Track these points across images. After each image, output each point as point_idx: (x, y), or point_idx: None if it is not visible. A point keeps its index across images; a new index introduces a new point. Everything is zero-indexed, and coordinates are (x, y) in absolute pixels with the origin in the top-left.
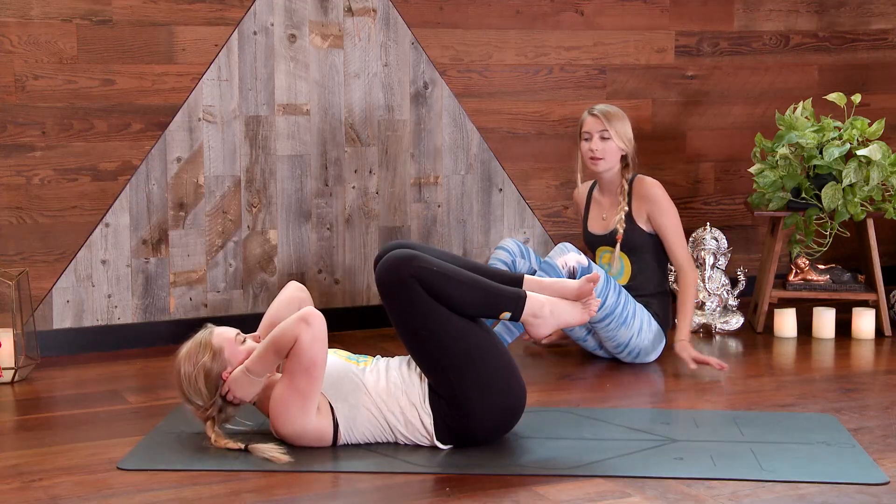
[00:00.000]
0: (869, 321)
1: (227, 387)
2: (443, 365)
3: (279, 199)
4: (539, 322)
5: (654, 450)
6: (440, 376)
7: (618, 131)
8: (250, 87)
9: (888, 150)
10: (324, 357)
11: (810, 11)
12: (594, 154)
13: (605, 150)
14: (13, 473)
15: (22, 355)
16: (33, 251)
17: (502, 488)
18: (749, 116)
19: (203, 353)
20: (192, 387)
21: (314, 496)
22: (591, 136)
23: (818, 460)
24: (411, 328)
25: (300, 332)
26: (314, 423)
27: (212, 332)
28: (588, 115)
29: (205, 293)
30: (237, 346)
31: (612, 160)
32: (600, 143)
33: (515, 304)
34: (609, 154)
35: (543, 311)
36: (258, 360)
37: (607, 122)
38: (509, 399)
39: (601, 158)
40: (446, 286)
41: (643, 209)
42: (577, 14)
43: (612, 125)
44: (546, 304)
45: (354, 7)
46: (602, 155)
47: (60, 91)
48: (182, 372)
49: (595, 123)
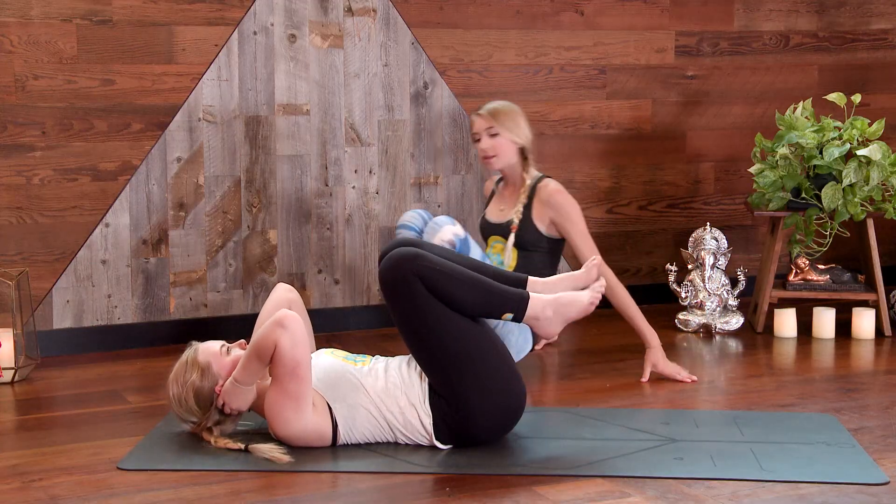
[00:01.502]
0: (869, 321)
1: (222, 399)
2: (443, 364)
3: (279, 199)
4: (542, 323)
5: (654, 450)
6: (440, 375)
7: (506, 126)
8: (250, 87)
9: (888, 150)
10: (307, 357)
11: (810, 11)
12: (485, 153)
13: (496, 147)
14: (13, 473)
15: (22, 355)
16: (33, 251)
17: (502, 488)
18: (749, 116)
19: (190, 373)
20: (184, 406)
21: (314, 496)
22: (479, 137)
23: (818, 460)
24: (412, 326)
25: (278, 336)
26: (312, 423)
27: (196, 349)
28: (474, 116)
29: (205, 293)
30: (223, 358)
31: (507, 156)
32: (489, 140)
33: (517, 305)
34: (501, 150)
35: (546, 312)
36: (243, 370)
37: (493, 119)
38: (509, 399)
39: (493, 156)
40: (448, 285)
41: (546, 214)
42: (577, 14)
43: (498, 121)
44: (548, 305)
45: (354, 7)
46: (493, 152)
47: (60, 91)
48: (172, 394)
49: (481, 123)
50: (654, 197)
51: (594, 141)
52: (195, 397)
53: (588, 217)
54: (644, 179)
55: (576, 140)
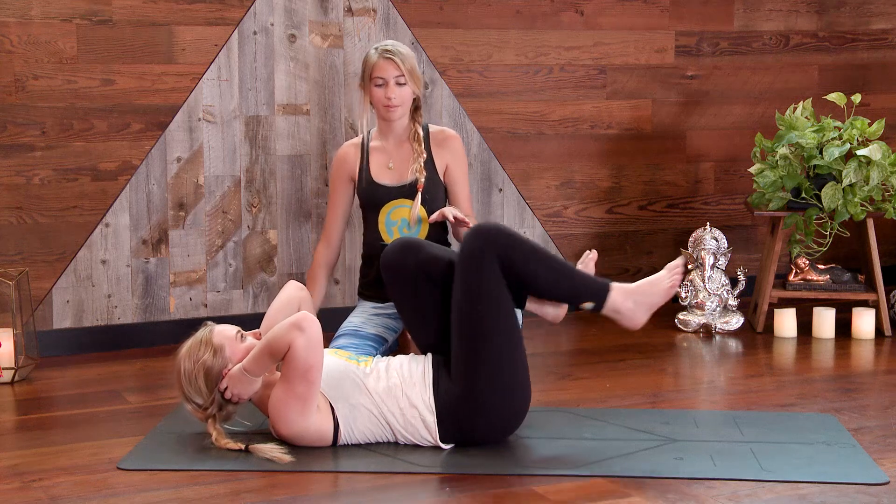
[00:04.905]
0: (869, 321)
1: (226, 383)
2: (479, 350)
3: (279, 199)
4: (624, 315)
5: (654, 450)
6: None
7: (412, 73)
8: (250, 87)
9: (888, 150)
10: (320, 361)
11: (810, 11)
12: (391, 102)
13: (402, 97)
14: (13, 473)
15: (22, 355)
16: (33, 251)
17: (502, 488)
18: (749, 116)
19: (204, 351)
20: (193, 385)
21: (314, 496)
22: (385, 82)
23: (818, 460)
24: (469, 302)
25: (294, 338)
26: (315, 424)
27: (212, 329)
28: (380, 58)
29: (205, 293)
30: (237, 343)
31: (408, 106)
32: (396, 89)
33: (599, 295)
34: (405, 100)
35: (627, 304)
36: (254, 361)
37: (402, 64)
38: (519, 402)
39: (398, 106)
40: (530, 262)
41: (444, 160)
42: (577, 14)
43: (406, 68)
44: (629, 296)
45: (354, 7)
46: (399, 102)
47: (60, 91)
48: (182, 370)
49: (390, 67)
50: (654, 197)
51: (594, 141)
52: (205, 376)
53: (588, 217)
54: (644, 179)
55: (576, 140)
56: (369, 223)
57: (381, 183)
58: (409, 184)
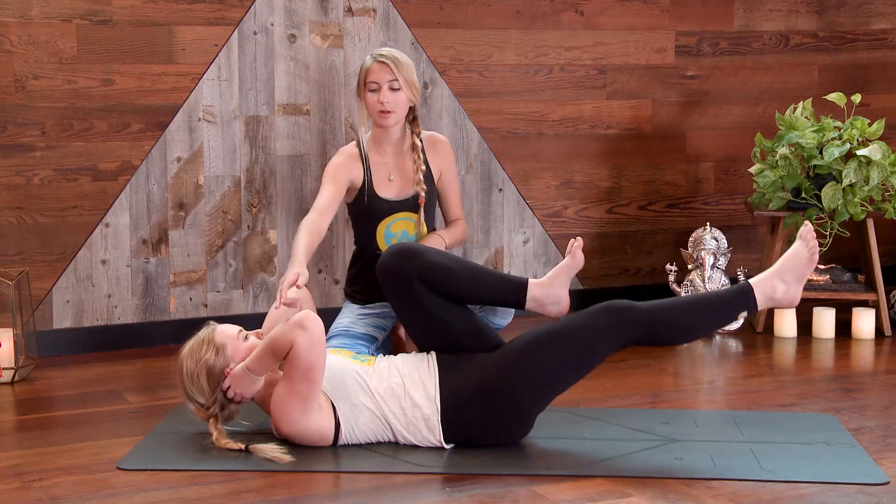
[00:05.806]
0: (869, 321)
1: (228, 382)
2: (548, 356)
3: (279, 199)
4: (780, 299)
5: (654, 450)
6: (531, 363)
7: (407, 80)
8: (250, 87)
9: (888, 150)
10: (322, 360)
11: (810, 11)
12: (384, 107)
13: (396, 103)
14: (13, 473)
15: (22, 355)
16: (33, 251)
17: (502, 488)
18: (749, 116)
19: (206, 350)
20: (195, 384)
21: (314, 496)
22: (378, 87)
23: (818, 460)
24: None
25: (296, 337)
26: (316, 423)
27: (214, 329)
28: (374, 62)
29: (205, 293)
30: (240, 343)
31: (402, 113)
32: (390, 94)
33: (747, 303)
34: (399, 107)
35: (778, 289)
36: (256, 360)
37: (397, 69)
38: (535, 413)
39: (391, 112)
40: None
41: (438, 167)
42: (577, 14)
43: (401, 74)
44: (775, 281)
45: (354, 7)
46: (392, 108)
47: (60, 91)
48: (185, 369)
49: (384, 72)
50: (654, 197)
51: (594, 141)
52: (207, 375)
53: (588, 217)
54: (644, 179)
55: (576, 140)
56: (364, 233)
57: (383, 196)
58: (410, 197)
